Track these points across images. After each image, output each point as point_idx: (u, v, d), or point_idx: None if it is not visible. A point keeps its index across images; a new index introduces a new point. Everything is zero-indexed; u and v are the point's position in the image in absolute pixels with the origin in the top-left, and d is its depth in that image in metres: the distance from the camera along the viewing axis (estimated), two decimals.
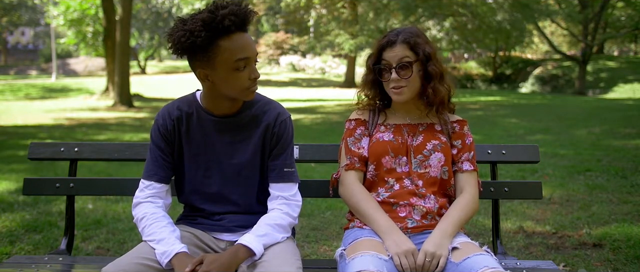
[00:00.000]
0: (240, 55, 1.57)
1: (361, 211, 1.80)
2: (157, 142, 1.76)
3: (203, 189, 1.77)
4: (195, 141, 1.75)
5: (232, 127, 1.74)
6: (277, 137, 1.76)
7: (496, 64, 30.80)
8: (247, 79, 1.61)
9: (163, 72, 38.65)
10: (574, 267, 2.97)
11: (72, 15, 24.17)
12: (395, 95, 1.85)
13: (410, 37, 1.81)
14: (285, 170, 1.76)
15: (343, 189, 1.87)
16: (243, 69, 1.60)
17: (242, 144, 1.75)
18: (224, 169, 1.75)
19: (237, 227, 1.78)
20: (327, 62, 35.75)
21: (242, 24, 1.57)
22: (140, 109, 16.40)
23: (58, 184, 2.13)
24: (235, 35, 1.57)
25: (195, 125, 1.74)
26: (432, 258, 1.63)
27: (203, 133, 1.74)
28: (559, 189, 4.88)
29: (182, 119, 1.75)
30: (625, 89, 23.48)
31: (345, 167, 1.86)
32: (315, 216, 4.04)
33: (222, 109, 1.73)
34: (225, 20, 1.52)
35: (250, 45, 1.60)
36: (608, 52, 37.98)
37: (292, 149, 1.81)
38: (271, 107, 1.78)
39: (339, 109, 15.33)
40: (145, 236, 1.68)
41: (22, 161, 6.81)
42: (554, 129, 10.27)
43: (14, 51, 57.57)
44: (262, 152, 1.77)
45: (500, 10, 22.53)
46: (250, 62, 1.61)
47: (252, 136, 1.75)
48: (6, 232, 3.65)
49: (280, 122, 1.76)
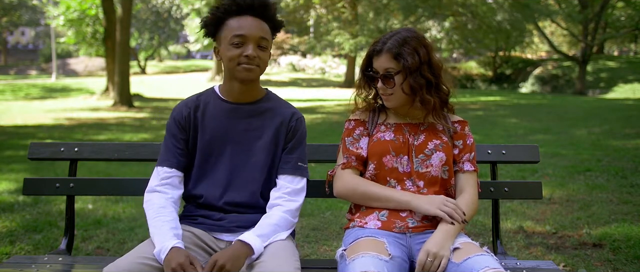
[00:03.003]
0: (237, 32, 1.72)
1: (373, 196, 1.80)
2: (171, 130, 1.84)
3: (212, 174, 1.81)
4: (209, 127, 1.82)
5: (247, 115, 1.82)
6: (293, 132, 1.84)
7: (496, 64, 30.80)
8: (240, 55, 1.72)
9: (163, 72, 38.65)
10: (574, 267, 2.97)
11: (72, 15, 24.15)
12: (385, 101, 1.88)
13: (396, 47, 1.78)
14: (299, 164, 1.83)
15: (342, 185, 1.85)
16: (240, 46, 1.72)
17: (255, 131, 1.82)
18: (235, 155, 1.81)
19: (237, 228, 1.78)
20: (327, 62, 35.77)
21: (249, 8, 1.73)
22: (140, 109, 16.40)
23: (58, 184, 2.13)
24: (244, 17, 1.73)
25: (211, 112, 1.83)
26: (435, 258, 1.63)
27: (218, 119, 1.82)
28: (559, 189, 4.88)
29: (200, 106, 1.84)
30: (625, 89, 23.49)
31: (342, 166, 1.86)
32: (315, 216, 4.04)
33: (235, 95, 1.81)
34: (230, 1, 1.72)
35: (252, 27, 1.73)
36: (608, 52, 37.99)
37: (305, 146, 1.88)
38: (287, 106, 1.89)
39: (339, 109, 15.34)
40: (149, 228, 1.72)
41: (22, 161, 6.81)
42: (554, 129, 10.27)
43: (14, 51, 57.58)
44: (275, 145, 1.82)
45: (500, 10, 22.55)
46: (246, 40, 1.72)
47: (266, 127, 1.82)
48: (6, 232, 3.65)
49: (296, 119, 1.86)
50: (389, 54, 1.79)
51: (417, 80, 1.78)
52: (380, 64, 1.82)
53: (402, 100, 1.84)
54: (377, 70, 1.83)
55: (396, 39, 1.80)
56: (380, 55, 1.82)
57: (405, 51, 1.78)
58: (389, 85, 1.81)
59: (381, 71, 1.82)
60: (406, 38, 1.80)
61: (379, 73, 1.83)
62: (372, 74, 1.86)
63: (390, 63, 1.80)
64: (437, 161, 1.83)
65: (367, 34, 23.00)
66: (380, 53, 1.81)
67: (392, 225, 1.77)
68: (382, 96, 1.87)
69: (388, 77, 1.80)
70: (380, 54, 1.81)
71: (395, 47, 1.79)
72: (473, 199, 1.85)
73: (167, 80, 30.73)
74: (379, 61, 1.82)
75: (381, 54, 1.81)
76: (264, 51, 1.76)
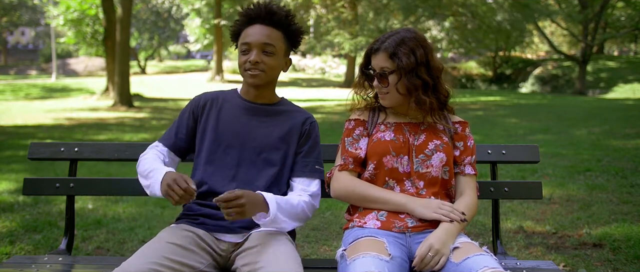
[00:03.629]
0: (243, 40, 1.83)
1: (371, 198, 1.81)
2: (183, 115, 1.93)
3: (220, 163, 1.83)
4: (224, 119, 1.89)
5: (262, 113, 1.90)
6: (307, 135, 1.90)
7: (496, 64, 30.80)
8: (246, 61, 1.81)
9: (163, 72, 38.64)
10: (574, 267, 2.97)
11: (72, 15, 24.15)
12: (381, 100, 1.89)
13: (392, 46, 1.79)
14: (317, 167, 1.88)
15: (339, 186, 1.86)
16: (246, 53, 1.82)
17: (268, 129, 1.87)
18: (245, 148, 1.85)
19: (240, 229, 1.77)
20: (327, 62, 35.77)
21: (259, 17, 1.82)
22: (140, 109, 16.40)
23: (58, 184, 2.13)
24: (254, 25, 1.83)
25: (228, 107, 1.91)
26: (436, 254, 1.64)
27: (234, 113, 1.90)
28: (559, 189, 4.88)
29: (218, 100, 1.94)
30: (625, 89, 23.50)
31: (339, 168, 1.87)
32: (315, 216, 4.04)
33: (252, 96, 1.91)
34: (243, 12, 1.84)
35: (256, 34, 1.81)
36: (608, 52, 37.99)
37: (320, 150, 1.94)
38: (301, 111, 1.96)
39: (339, 109, 15.34)
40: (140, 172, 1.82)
41: (22, 161, 6.81)
42: (554, 129, 10.27)
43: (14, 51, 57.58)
44: (286, 143, 1.86)
45: (500, 10, 22.55)
46: (251, 47, 1.81)
47: (279, 125, 1.88)
48: (6, 232, 3.65)
49: (310, 122, 1.93)
50: (385, 53, 1.80)
51: (412, 81, 1.79)
52: (377, 62, 1.83)
53: (398, 100, 1.85)
54: (374, 69, 1.84)
55: (394, 39, 1.81)
56: (377, 53, 1.83)
57: (401, 51, 1.78)
58: (383, 84, 1.83)
59: (377, 70, 1.83)
60: (404, 38, 1.80)
61: (375, 71, 1.84)
62: (370, 72, 1.87)
63: (386, 62, 1.81)
64: (437, 162, 1.83)
65: (367, 34, 22.98)
66: (378, 52, 1.83)
67: (392, 225, 1.77)
68: (379, 94, 1.89)
69: (383, 76, 1.82)
70: (378, 53, 1.83)
71: (391, 46, 1.79)
72: (473, 201, 1.85)
73: (167, 80, 30.73)
74: (376, 60, 1.84)
75: (378, 53, 1.83)
76: (269, 56, 1.82)
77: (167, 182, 1.61)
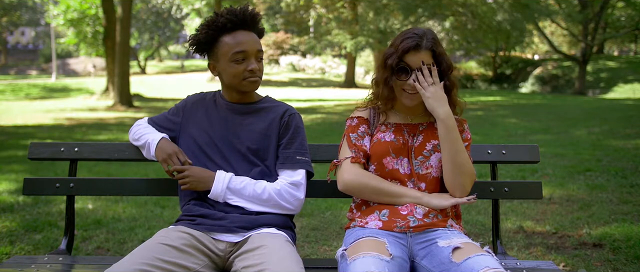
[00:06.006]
0: (237, 49, 1.80)
1: (386, 191, 1.81)
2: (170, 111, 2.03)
3: (211, 165, 1.86)
4: (208, 119, 1.93)
5: (244, 112, 1.93)
6: (286, 126, 1.91)
7: (496, 64, 30.81)
8: (244, 70, 1.82)
9: (163, 72, 38.65)
10: (574, 267, 2.97)
11: (72, 15, 24.17)
12: (408, 99, 1.84)
13: (435, 46, 1.79)
14: (298, 157, 1.87)
15: (351, 178, 1.82)
16: (242, 62, 1.82)
17: (250, 125, 1.90)
18: (232, 147, 1.88)
19: (238, 228, 1.77)
20: (327, 62, 35.76)
21: (242, 23, 1.82)
22: (140, 109, 16.41)
23: (58, 184, 2.13)
24: (238, 32, 1.82)
25: (212, 106, 1.96)
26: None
27: (217, 112, 1.94)
28: (559, 189, 4.88)
29: (203, 100, 1.99)
30: (625, 89, 23.51)
31: (352, 159, 1.84)
32: (315, 216, 4.03)
33: (235, 99, 1.93)
34: (223, 19, 1.80)
35: (249, 41, 1.82)
36: (608, 52, 38.01)
37: (303, 140, 1.92)
38: (281, 105, 1.98)
39: (339, 109, 15.33)
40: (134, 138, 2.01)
41: (22, 161, 6.81)
42: (554, 129, 10.27)
43: (14, 51, 57.58)
44: (269, 138, 1.89)
45: (500, 10, 22.56)
46: (247, 55, 1.82)
47: (261, 122, 1.91)
48: (6, 232, 3.65)
49: (289, 115, 1.93)
50: (430, 52, 1.79)
51: (453, 79, 1.84)
52: (418, 58, 1.78)
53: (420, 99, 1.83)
54: (411, 66, 1.80)
55: (432, 38, 1.80)
56: (419, 50, 1.78)
57: (442, 51, 1.82)
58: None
59: (418, 67, 1.79)
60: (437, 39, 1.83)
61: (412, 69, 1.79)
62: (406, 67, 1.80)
63: (429, 59, 1.80)
64: (435, 162, 1.84)
65: (367, 34, 22.99)
66: (420, 49, 1.78)
67: (393, 224, 1.77)
68: (406, 93, 1.83)
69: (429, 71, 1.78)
70: (420, 50, 1.78)
71: (435, 45, 1.80)
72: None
73: (167, 80, 30.74)
74: (418, 55, 1.78)
75: (420, 50, 1.78)
76: (260, 62, 1.87)
77: (163, 158, 1.83)
